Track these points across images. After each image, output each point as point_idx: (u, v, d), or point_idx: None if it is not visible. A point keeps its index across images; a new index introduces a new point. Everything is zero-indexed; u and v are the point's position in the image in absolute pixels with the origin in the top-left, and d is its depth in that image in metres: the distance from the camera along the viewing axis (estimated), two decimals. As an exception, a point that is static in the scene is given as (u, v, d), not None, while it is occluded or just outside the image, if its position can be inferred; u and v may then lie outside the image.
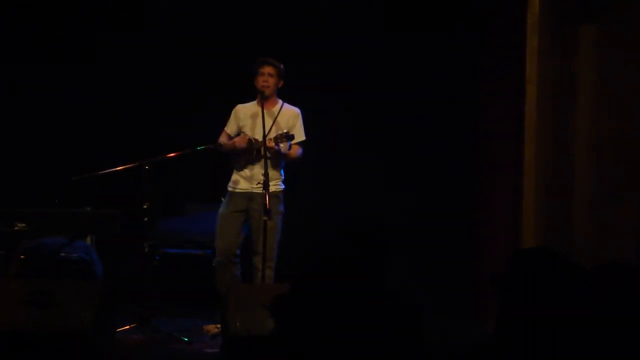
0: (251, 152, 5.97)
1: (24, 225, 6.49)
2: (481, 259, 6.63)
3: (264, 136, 5.83)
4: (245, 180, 6.05)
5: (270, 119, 5.95)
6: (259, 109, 6.00)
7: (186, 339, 5.78)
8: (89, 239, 6.53)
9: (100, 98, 7.36)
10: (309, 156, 6.25)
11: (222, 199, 6.18)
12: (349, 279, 2.35)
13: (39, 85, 7.36)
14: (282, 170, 6.10)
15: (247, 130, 6.08)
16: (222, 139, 6.17)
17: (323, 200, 7.25)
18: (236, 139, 6.07)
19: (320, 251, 2.60)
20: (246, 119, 6.11)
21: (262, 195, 5.75)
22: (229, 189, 6.13)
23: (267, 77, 6.00)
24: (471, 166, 6.93)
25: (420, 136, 7.28)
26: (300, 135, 6.08)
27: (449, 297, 6.46)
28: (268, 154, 5.85)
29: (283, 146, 5.89)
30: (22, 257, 6.02)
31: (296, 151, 6.07)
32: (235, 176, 6.11)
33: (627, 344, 2.43)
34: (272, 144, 5.85)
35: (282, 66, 6.06)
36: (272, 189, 5.87)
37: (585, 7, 5.80)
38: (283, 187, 6.10)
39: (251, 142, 5.97)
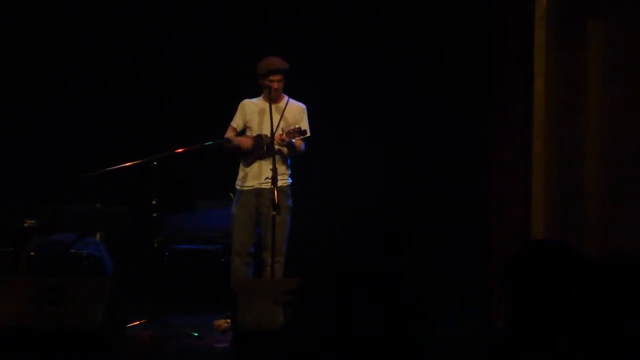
0: (261, 148, 5.97)
1: (33, 222, 6.52)
2: (491, 253, 6.62)
3: (272, 132, 5.83)
4: (254, 177, 6.05)
5: (277, 115, 5.94)
6: (266, 105, 6.00)
7: (196, 334, 5.78)
8: (98, 236, 6.54)
9: (108, 95, 7.37)
10: (317, 152, 6.26)
11: (232, 195, 6.19)
12: (361, 272, 2.35)
13: (47, 84, 7.37)
14: (289, 166, 6.11)
15: (255, 126, 6.08)
16: (229, 134, 6.17)
17: (331, 196, 7.24)
18: (241, 140, 6.07)
19: (332, 243, 2.60)
20: (253, 115, 6.11)
21: (271, 191, 5.76)
22: (237, 186, 6.13)
23: (276, 84, 6.01)
24: (481, 160, 6.91)
25: (429, 131, 7.26)
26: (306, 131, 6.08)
27: (459, 292, 6.45)
28: (277, 147, 5.85)
29: (296, 141, 5.90)
30: (32, 253, 6.04)
31: (300, 146, 6.06)
32: (242, 173, 6.11)
33: (633, 334, 2.43)
34: (285, 137, 5.85)
35: (287, 66, 6.04)
36: (280, 183, 5.87)
37: (592, 1, 5.79)
38: (291, 181, 6.10)
39: (261, 137, 5.98)
